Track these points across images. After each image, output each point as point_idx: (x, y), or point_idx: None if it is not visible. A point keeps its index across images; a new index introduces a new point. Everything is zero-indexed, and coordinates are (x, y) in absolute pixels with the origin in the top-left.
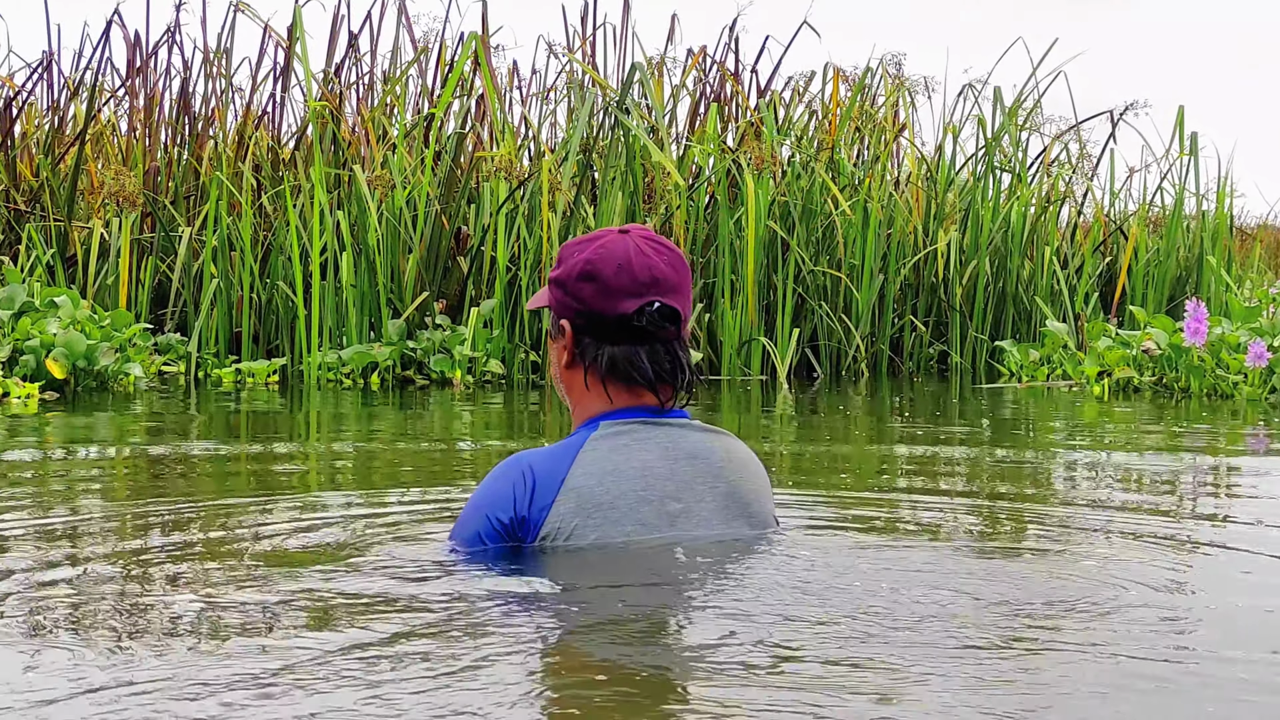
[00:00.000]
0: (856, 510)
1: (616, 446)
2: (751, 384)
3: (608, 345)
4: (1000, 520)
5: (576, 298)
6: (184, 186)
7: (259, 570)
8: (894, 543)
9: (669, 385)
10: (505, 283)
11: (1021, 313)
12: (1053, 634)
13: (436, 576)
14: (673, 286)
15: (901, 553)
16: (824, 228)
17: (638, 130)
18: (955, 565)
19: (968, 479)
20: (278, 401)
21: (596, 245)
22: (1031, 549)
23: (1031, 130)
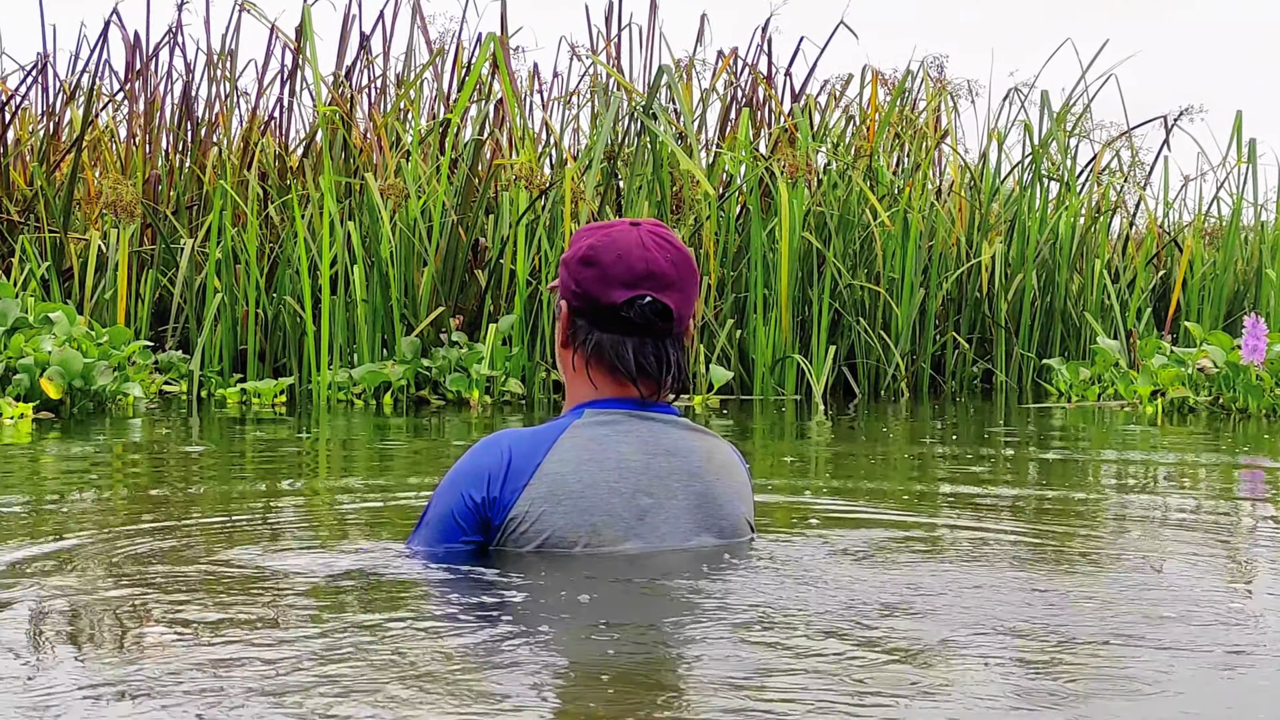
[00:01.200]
0: (900, 532)
1: (596, 436)
2: (785, 404)
3: (598, 331)
4: (1055, 553)
5: (576, 280)
6: (186, 196)
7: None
8: (954, 568)
9: (652, 380)
10: (525, 297)
11: (1070, 329)
12: (1106, 663)
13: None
14: (669, 283)
15: (956, 573)
16: (862, 239)
17: (665, 136)
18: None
19: (1022, 515)
20: (285, 426)
21: (603, 232)
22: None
23: (1081, 136)
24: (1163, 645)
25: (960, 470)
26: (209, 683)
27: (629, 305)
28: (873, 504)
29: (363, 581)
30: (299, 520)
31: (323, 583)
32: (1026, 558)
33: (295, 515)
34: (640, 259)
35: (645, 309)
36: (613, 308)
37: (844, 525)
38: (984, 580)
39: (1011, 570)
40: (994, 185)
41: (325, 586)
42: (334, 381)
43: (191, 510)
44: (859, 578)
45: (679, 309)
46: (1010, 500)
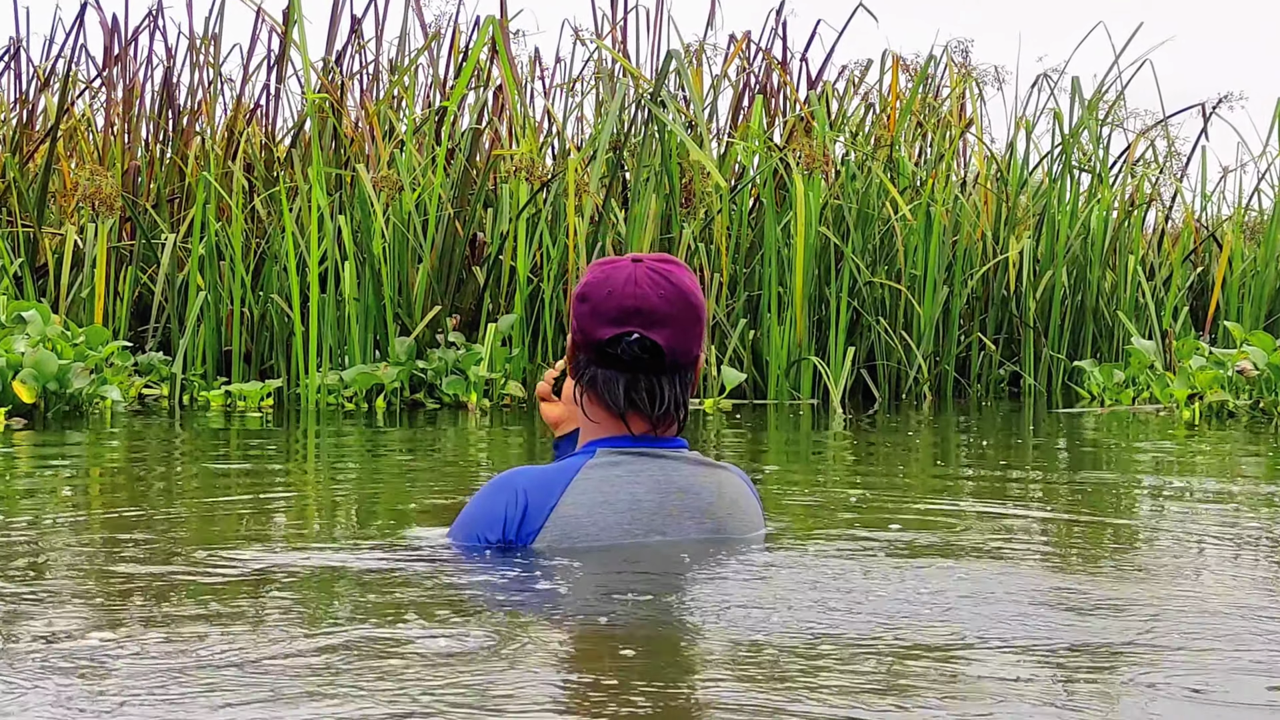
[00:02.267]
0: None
1: (609, 478)
2: (801, 408)
3: (595, 366)
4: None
5: (575, 316)
6: (167, 188)
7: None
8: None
9: (641, 416)
10: (526, 296)
11: (1103, 329)
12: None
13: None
14: (659, 319)
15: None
16: (882, 234)
17: (674, 125)
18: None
19: (1063, 544)
20: (272, 432)
21: (603, 267)
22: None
23: (1114, 125)
24: (1194, 653)
25: (990, 485)
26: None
27: (614, 342)
28: (899, 531)
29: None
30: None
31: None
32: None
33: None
34: (630, 295)
35: (632, 345)
36: (600, 343)
37: (866, 542)
38: (1014, 586)
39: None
40: (1022, 177)
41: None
42: (324, 385)
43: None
44: (881, 589)
45: (670, 345)
46: (1048, 524)
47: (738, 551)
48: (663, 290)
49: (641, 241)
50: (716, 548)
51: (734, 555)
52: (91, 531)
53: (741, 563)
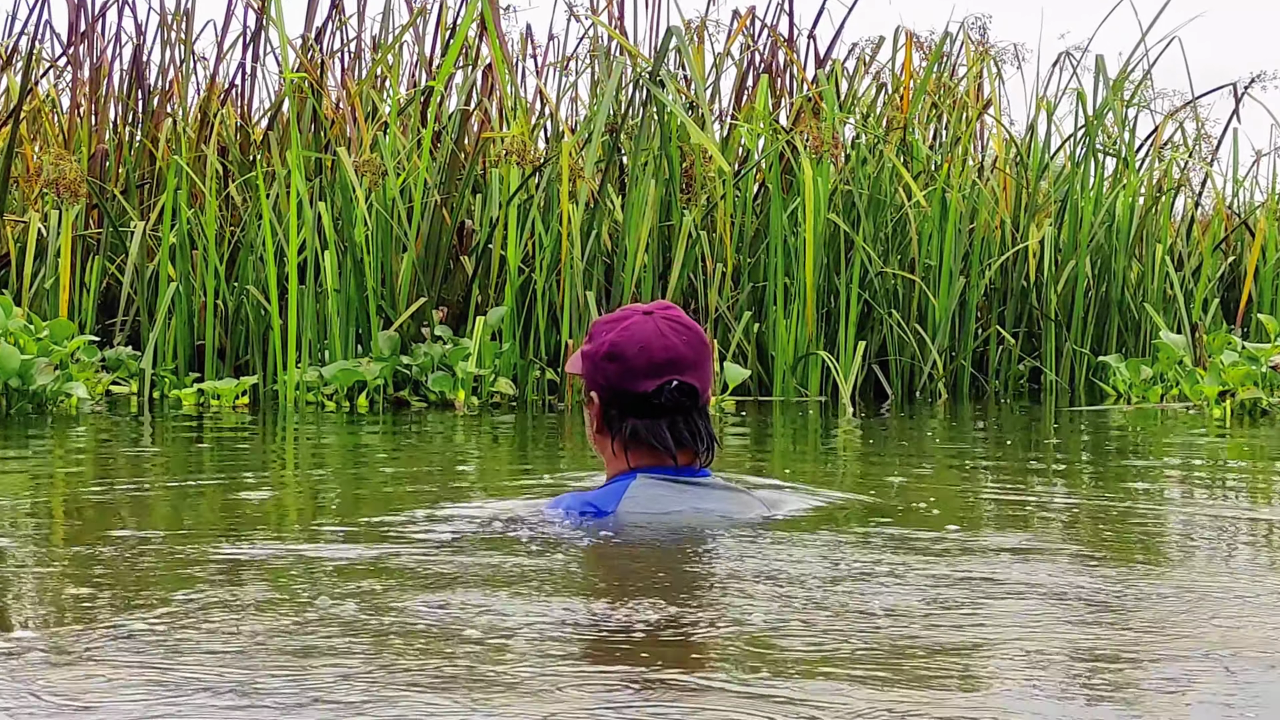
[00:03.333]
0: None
1: (655, 495)
2: (809, 406)
3: (631, 418)
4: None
5: (604, 375)
6: (136, 173)
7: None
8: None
9: (688, 451)
10: (517, 287)
11: (1129, 322)
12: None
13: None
14: (690, 364)
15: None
16: (895, 222)
17: (674, 106)
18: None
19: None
20: (246, 431)
21: (621, 327)
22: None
23: (1140, 107)
24: (1219, 655)
25: (1014, 484)
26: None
27: (658, 393)
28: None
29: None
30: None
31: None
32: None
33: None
34: (661, 348)
35: (674, 393)
36: (643, 396)
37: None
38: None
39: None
40: (1043, 161)
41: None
42: (302, 381)
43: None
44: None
45: (700, 385)
46: (1075, 522)
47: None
48: (685, 337)
49: (640, 229)
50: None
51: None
52: (53, 544)
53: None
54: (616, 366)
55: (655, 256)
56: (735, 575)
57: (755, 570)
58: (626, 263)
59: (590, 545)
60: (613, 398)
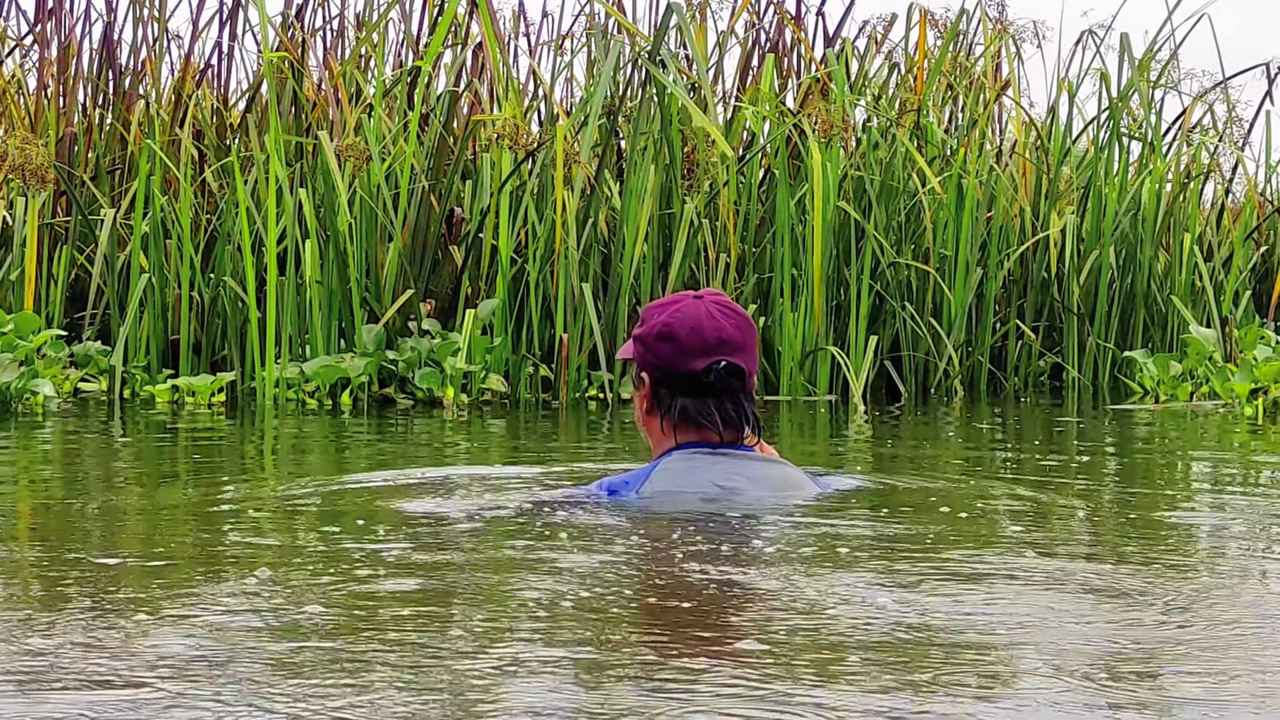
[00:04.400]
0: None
1: (687, 467)
2: (818, 405)
3: (681, 396)
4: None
5: (656, 355)
6: (107, 158)
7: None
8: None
9: (734, 430)
10: (509, 279)
11: (1155, 316)
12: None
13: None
14: (738, 346)
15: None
16: (908, 210)
17: (675, 88)
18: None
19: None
20: (223, 432)
21: (674, 309)
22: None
23: (1167, 88)
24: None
25: (1043, 488)
26: None
27: (708, 371)
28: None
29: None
30: None
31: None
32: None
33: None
34: (712, 329)
35: (723, 372)
36: (692, 375)
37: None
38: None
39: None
40: (1064, 145)
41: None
42: (282, 378)
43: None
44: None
45: (747, 367)
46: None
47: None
48: (734, 320)
49: (640, 217)
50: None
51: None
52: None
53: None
54: (669, 347)
55: (655, 246)
56: (749, 555)
57: (775, 549)
58: (624, 253)
59: (598, 523)
60: (664, 377)
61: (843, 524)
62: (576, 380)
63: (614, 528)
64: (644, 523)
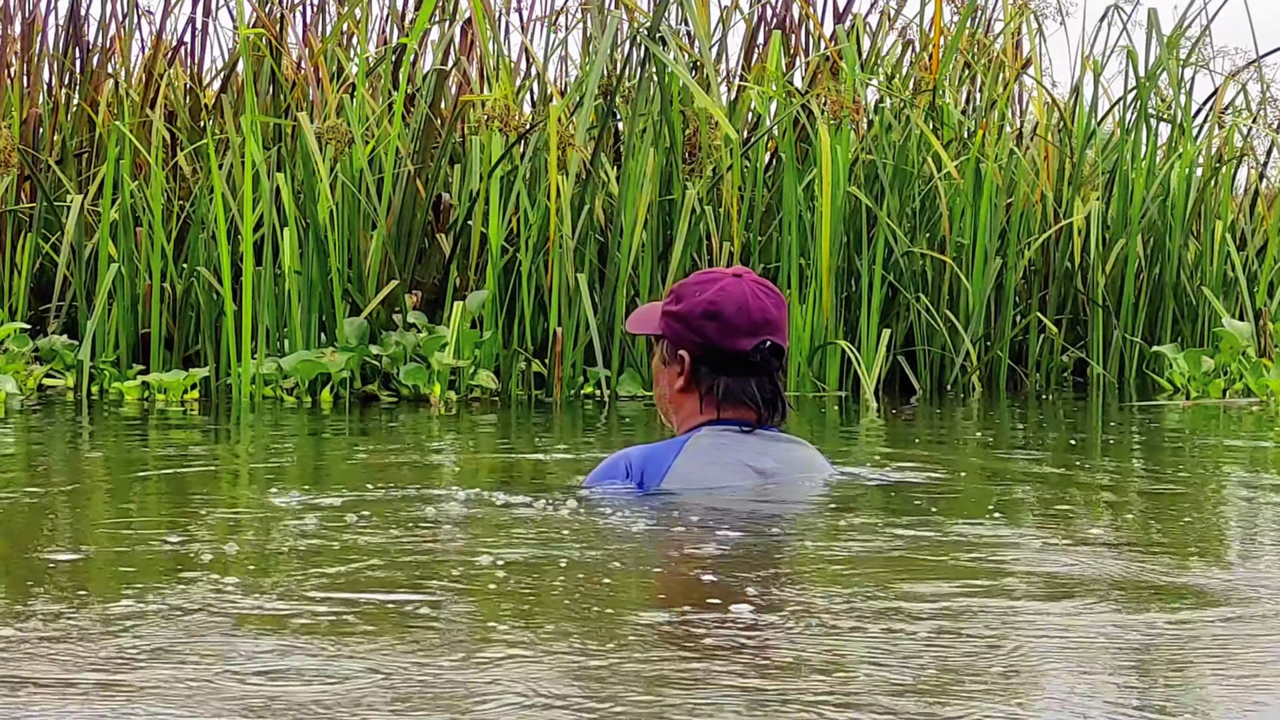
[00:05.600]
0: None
1: (716, 445)
2: (827, 402)
3: (724, 375)
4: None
5: (699, 333)
6: (74, 140)
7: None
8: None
9: (772, 409)
10: (500, 269)
11: (1185, 309)
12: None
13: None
14: (779, 326)
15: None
16: (923, 195)
17: (676, 66)
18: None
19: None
20: (196, 430)
21: (717, 287)
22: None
23: (1198, 66)
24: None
25: (1072, 493)
26: None
27: (756, 350)
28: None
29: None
30: None
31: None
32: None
33: None
34: (758, 309)
35: (768, 352)
36: (738, 353)
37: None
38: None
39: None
40: (1089, 127)
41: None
42: (259, 374)
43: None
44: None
45: (785, 346)
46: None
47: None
48: (774, 300)
49: (638, 204)
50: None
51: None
52: None
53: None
54: (715, 325)
55: (655, 234)
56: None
57: (805, 544)
58: (622, 241)
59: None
60: (707, 355)
61: (897, 525)
62: (571, 377)
63: (655, 528)
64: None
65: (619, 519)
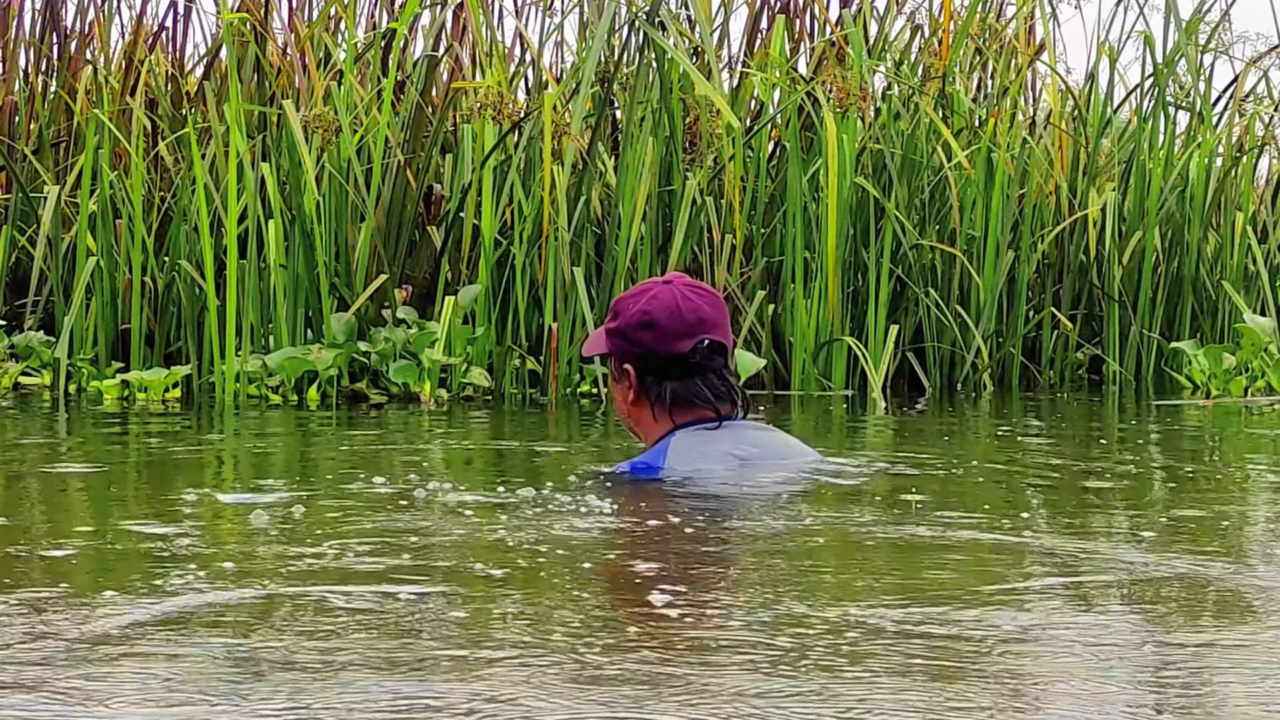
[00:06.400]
0: None
1: (698, 440)
2: (833, 401)
3: (668, 380)
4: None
5: (638, 344)
6: (51, 129)
7: None
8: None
9: (727, 403)
10: (493, 263)
11: (1205, 304)
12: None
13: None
14: (716, 323)
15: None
16: (932, 186)
17: (676, 53)
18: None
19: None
20: (177, 430)
21: (648, 296)
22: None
23: (1218, 52)
24: None
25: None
26: None
27: (694, 351)
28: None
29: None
30: None
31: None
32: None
33: None
34: (690, 310)
35: (707, 350)
36: (678, 357)
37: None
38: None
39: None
40: (1105, 116)
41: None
42: (243, 371)
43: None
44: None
45: (727, 342)
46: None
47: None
48: (706, 299)
49: (637, 194)
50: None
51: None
52: None
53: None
54: (651, 333)
55: (654, 226)
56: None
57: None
58: (620, 234)
59: (650, 500)
60: (648, 364)
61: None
62: (567, 374)
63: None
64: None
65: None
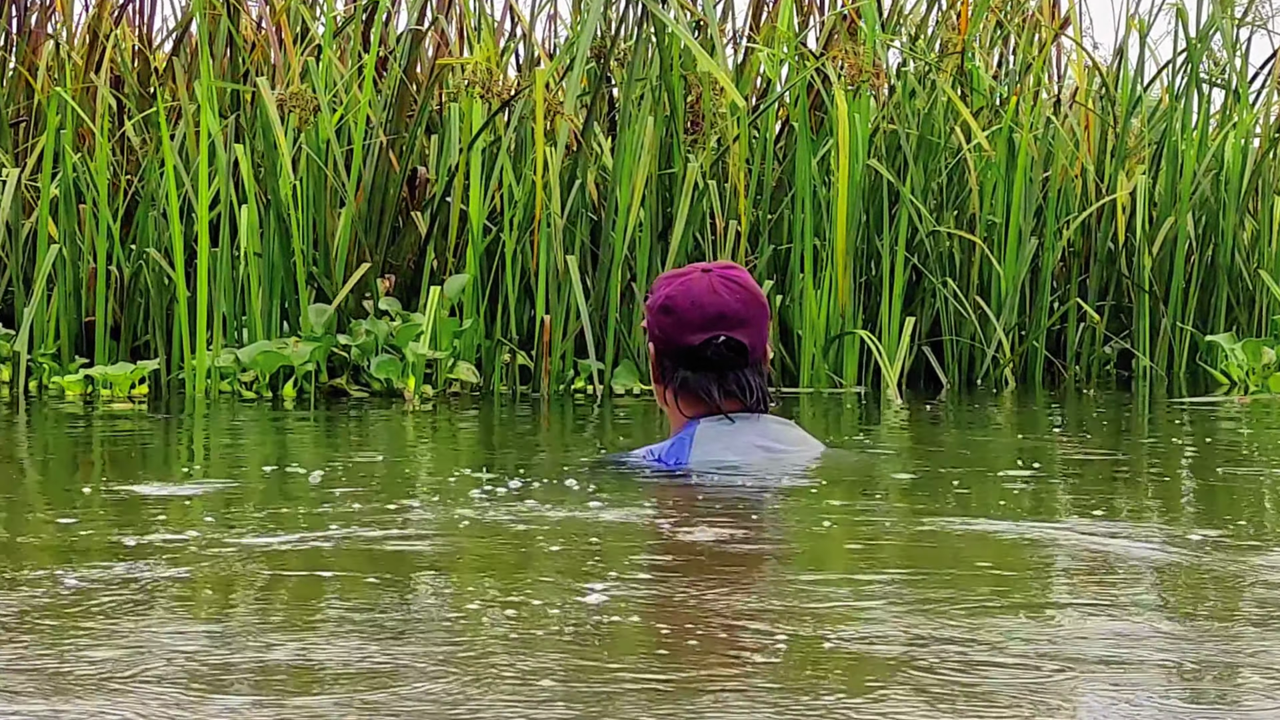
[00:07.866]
0: None
1: (721, 433)
2: (845, 398)
3: (682, 369)
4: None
5: (659, 327)
6: (10, 108)
7: None
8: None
9: (736, 401)
10: (482, 250)
11: (1241, 294)
12: None
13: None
14: (739, 322)
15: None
16: (950, 169)
17: (676, 27)
18: None
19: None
20: (145, 431)
21: (679, 281)
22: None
23: (1255, 26)
24: None
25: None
26: None
27: (705, 346)
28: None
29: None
30: None
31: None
32: None
33: None
34: (711, 303)
35: (721, 348)
36: (692, 349)
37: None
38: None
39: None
40: (1134, 94)
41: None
42: (215, 366)
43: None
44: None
45: (751, 342)
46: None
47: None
48: (738, 295)
49: (635, 177)
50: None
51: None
52: None
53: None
54: (670, 319)
55: (653, 212)
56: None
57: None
58: (617, 220)
59: (676, 493)
60: (665, 348)
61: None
62: (560, 369)
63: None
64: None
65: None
